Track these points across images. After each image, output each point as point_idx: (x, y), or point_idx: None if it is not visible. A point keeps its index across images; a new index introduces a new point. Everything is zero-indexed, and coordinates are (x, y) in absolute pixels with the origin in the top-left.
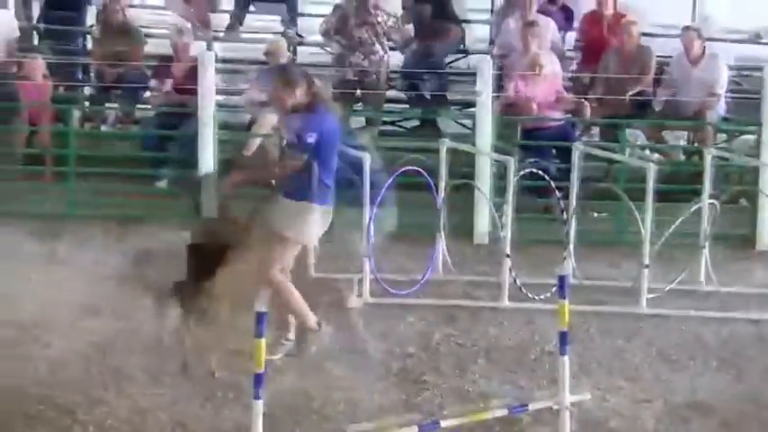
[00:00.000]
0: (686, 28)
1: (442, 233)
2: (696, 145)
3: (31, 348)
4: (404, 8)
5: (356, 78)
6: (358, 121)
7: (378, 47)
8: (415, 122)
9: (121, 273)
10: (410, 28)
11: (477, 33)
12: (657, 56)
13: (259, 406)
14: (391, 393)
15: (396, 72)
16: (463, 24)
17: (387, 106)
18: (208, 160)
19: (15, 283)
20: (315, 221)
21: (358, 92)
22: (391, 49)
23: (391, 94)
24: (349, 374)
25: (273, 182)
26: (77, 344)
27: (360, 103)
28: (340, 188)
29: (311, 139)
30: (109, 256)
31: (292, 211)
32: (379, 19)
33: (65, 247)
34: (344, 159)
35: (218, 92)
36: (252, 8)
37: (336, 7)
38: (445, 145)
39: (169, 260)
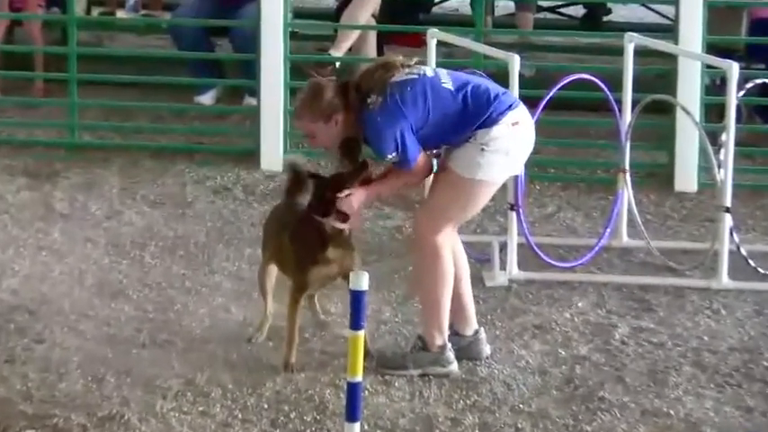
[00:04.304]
0: None
1: (628, 176)
2: None
3: (17, 344)
4: None
5: None
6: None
7: None
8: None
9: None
10: None
11: None
12: None
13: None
14: (552, 416)
15: None
16: None
17: None
18: (274, 63)
19: None
20: None
21: None
22: None
23: None
24: (489, 386)
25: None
26: (84, 339)
27: None
28: None
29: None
30: (127, 207)
31: None
32: None
33: (64, 192)
34: None
35: None
36: None
37: None
38: (633, 42)
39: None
